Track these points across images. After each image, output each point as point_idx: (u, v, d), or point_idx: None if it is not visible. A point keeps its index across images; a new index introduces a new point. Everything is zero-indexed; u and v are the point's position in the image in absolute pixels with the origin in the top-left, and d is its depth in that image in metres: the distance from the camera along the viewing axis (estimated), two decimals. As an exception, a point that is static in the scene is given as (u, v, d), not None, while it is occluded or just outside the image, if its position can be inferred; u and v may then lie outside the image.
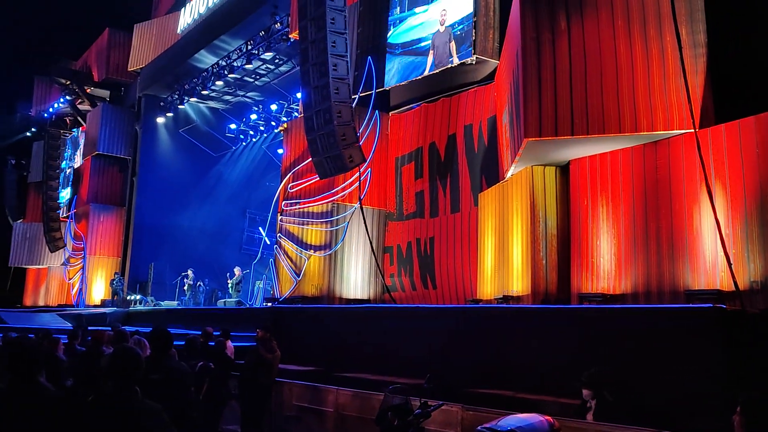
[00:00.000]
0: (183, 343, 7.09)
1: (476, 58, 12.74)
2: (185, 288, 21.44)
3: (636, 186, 9.16)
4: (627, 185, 9.27)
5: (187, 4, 24.03)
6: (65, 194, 28.72)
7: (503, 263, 11.02)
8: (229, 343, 9.00)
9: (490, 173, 12.57)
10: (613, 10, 9.15)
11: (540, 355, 8.13)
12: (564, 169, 10.27)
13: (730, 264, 7.60)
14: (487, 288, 11.65)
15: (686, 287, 8.37)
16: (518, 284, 10.39)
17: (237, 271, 19.44)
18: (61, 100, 29.29)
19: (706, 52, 8.82)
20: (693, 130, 8.25)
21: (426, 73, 13.75)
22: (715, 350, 6.64)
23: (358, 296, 14.75)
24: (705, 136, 8.31)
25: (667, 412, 6.52)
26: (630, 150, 9.26)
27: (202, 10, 22.78)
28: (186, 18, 23.87)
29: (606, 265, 9.35)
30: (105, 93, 28.74)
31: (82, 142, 28.49)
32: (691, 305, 7.77)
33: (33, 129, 33.13)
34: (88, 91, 28.62)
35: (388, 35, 14.68)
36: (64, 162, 29.40)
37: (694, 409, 6.43)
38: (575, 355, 7.69)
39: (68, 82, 28.47)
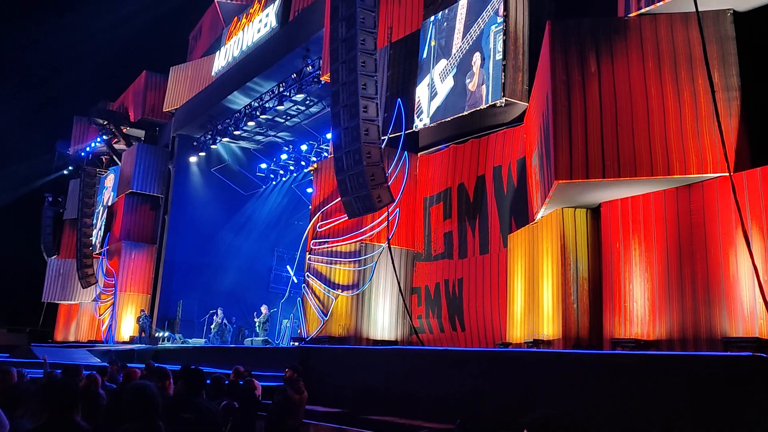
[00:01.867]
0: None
1: (505, 100, 12.83)
2: (212, 326, 21.52)
3: (669, 229, 9.02)
4: (660, 229, 9.13)
5: (222, 48, 24.81)
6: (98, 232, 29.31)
7: (533, 306, 10.86)
8: (257, 383, 8.96)
9: (520, 215, 12.51)
10: (644, 53, 9.17)
11: (571, 401, 7.93)
12: (595, 212, 10.18)
13: (769, 311, 7.39)
14: (517, 331, 11.48)
15: (723, 334, 8.14)
16: (549, 328, 10.21)
17: (264, 309, 19.47)
18: (98, 139, 30.15)
19: (739, 95, 8.77)
20: (728, 174, 8.15)
21: (460, 113, 13.85)
22: (755, 401, 6.40)
23: (386, 337, 14.62)
24: (740, 180, 8.19)
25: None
26: (662, 193, 9.16)
27: (237, 53, 23.48)
28: (220, 61, 24.61)
29: (639, 310, 9.16)
30: (140, 133, 29.58)
31: (114, 182, 29.20)
32: (729, 353, 7.54)
33: (70, 167, 34.12)
34: (125, 130, 29.49)
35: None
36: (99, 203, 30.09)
37: (736, 463, 6.18)
38: (608, 402, 7.48)
39: (106, 122, 29.39)
